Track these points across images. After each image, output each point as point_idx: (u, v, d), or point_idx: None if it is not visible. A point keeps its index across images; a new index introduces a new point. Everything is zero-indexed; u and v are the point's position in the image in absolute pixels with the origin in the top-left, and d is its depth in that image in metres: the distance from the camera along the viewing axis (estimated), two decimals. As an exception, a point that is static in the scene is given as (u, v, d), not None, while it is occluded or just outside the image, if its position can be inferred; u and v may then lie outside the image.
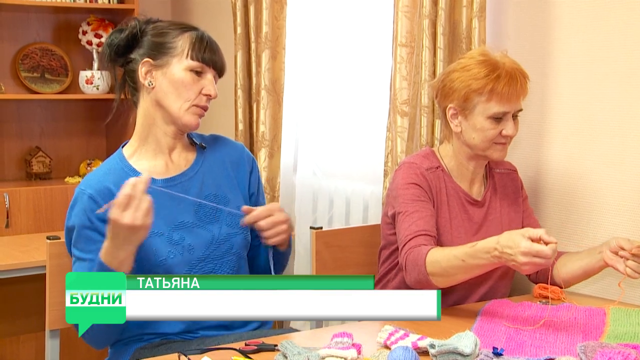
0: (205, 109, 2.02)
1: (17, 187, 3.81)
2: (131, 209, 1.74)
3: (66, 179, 4.10)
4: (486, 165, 2.34)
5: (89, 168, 4.13)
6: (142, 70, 2.00)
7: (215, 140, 2.17)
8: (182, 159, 2.07)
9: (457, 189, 2.25)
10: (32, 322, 3.22)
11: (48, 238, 2.18)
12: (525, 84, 2.18)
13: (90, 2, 4.02)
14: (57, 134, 4.26)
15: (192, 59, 1.98)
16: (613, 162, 2.41)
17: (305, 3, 3.57)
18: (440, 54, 2.68)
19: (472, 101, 2.16)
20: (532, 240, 1.83)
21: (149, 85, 2.00)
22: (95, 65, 4.11)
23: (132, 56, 2.02)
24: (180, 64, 1.98)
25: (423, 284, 2.02)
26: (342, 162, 3.46)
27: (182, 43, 1.99)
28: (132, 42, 2.02)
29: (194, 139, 2.12)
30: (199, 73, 1.99)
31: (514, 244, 1.84)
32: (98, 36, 4.10)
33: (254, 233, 2.08)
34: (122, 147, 2.08)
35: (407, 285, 2.12)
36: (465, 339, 1.58)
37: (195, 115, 2.00)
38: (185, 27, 2.03)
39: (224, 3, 3.83)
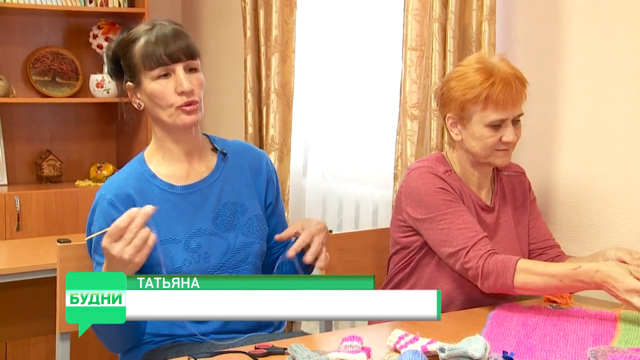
0: (190, 104, 1.94)
1: (27, 190, 3.83)
2: (122, 241, 1.69)
3: (77, 182, 4.12)
4: (494, 169, 2.33)
5: (99, 171, 4.14)
6: (130, 94, 2.01)
7: (238, 146, 2.14)
8: (203, 165, 2.05)
9: (470, 194, 2.24)
10: (43, 325, 3.22)
11: (59, 241, 2.18)
12: (521, 88, 2.16)
13: (101, 5, 4.04)
14: (67, 137, 4.27)
15: (150, 68, 1.93)
16: (624, 166, 2.40)
17: (314, 6, 3.57)
18: (450, 58, 2.68)
19: (469, 110, 2.15)
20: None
21: (139, 107, 2.00)
22: (106, 69, 4.11)
23: (124, 79, 2.03)
24: (146, 78, 1.95)
25: (500, 290, 2.05)
26: (351, 165, 3.46)
27: (138, 56, 1.95)
28: (115, 64, 2.03)
29: (215, 144, 2.10)
30: (166, 75, 1.94)
31: (620, 278, 1.87)
32: (109, 40, 4.12)
33: (272, 243, 2.10)
34: (144, 151, 2.07)
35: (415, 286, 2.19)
36: (475, 343, 1.57)
37: (184, 115, 1.94)
38: (136, 36, 1.97)
39: (234, 6, 3.84)
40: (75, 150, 4.30)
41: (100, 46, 4.13)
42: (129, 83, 2.00)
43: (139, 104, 2.00)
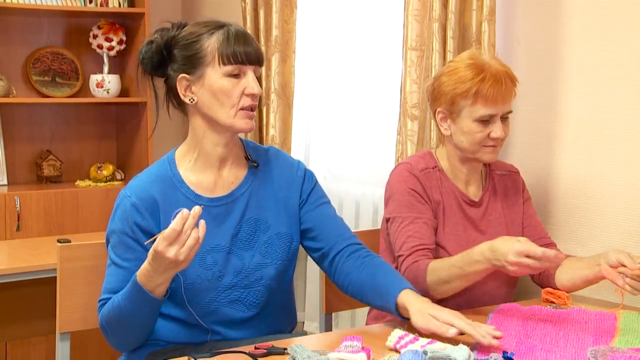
0: (252, 108, 1.92)
1: (27, 190, 3.83)
2: (178, 244, 1.68)
3: (77, 182, 4.12)
4: (487, 167, 2.35)
5: (99, 171, 4.14)
6: (180, 87, 1.92)
7: (271, 155, 2.07)
8: (232, 176, 1.99)
9: (453, 189, 2.26)
10: (43, 325, 3.22)
11: (59, 241, 2.18)
12: (511, 86, 2.18)
13: (101, 5, 4.04)
14: (67, 137, 4.28)
15: (225, 63, 1.88)
16: (624, 166, 2.40)
17: (315, 6, 3.57)
18: (450, 58, 2.68)
19: (459, 105, 2.17)
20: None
21: (191, 101, 1.92)
22: (106, 69, 4.12)
23: (168, 72, 1.95)
24: (215, 72, 1.89)
25: (426, 296, 2.03)
26: (352, 165, 3.46)
27: (211, 49, 1.89)
28: (163, 56, 1.94)
29: (249, 153, 2.03)
30: (236, 75, 1.90)
31: (508, 245, 1.88)
32: (109, 40, 4.12)
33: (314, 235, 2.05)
34: (175, 149, 2.02)
35: None
36: (459, 351, 1.57)
37: (245, 119, 1.90)
38: (211, 28, 1.92)
39: (234, 6, 3.85)
40: (75, 150, 4.30)
41: (100, 46, 4.13)
42: (183, 75, 1.91)
43: (191, 98, 1.91)
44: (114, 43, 4.13)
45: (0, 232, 3.67)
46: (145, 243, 1.79)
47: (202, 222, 1.70)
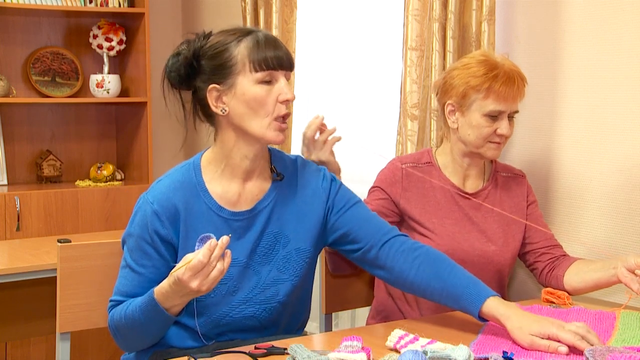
0: (286, 117, 1.87)
1: (28, 190, 3.83)
2: (202, 275, 1.65)
3: (77, 182, 4.12)
4: (492, 167, 2.36)
5: (99, 171, 4.14)
6: (211, 98, 1.86)
7: (298, 167, 2.02)
8: (256, 188, 1.94)
9: (445, 182, 2.30)
10: (43, 325, 3.22)
11: (59, 241, 2.18)
12: (522, 86, 2.21)
13: (101, 5, 4.04)
14: (67, 137, 4.28)
15: (257, 70, 1.83)
16: (624, 166, 2.40)
17: (315, 6, 3.57)
18: (450, 58, 2.68)
19: (470, 98, 2.20)
20: None
21: (223, 112, 1.86)
22: (106, 68, 4.12)
23: (197, 84, 1.89)
24: (247, 80, 1.83)
25: None
26: (352, 165, 3.46)
27: (241, 57, 1.83)
28: (191, 67, 1.88)
29: (275, 164, 1.98)
30: (269, 82, 1.84)
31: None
32: (109, 40, 4.12)
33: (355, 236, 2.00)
34: (202, 154, 1.96)
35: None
36: (459, 351, 1.57)
37: (277, 131, 1.85)
38: (239, 35, 1.86)
39: (234, 6, 3.85)
40: (75, 150, 4.30)
41: (100, 46, 4.13)
42: (214, 85, 1.85)
43: (222, 109, 1.85)
44: (114, 43, 4.13)
45: (0, 232, 3.68)
46: (172, 272, 1.72)
47: (228, 253, 1.68)
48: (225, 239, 1.66)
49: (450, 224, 2.26)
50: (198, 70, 1.88)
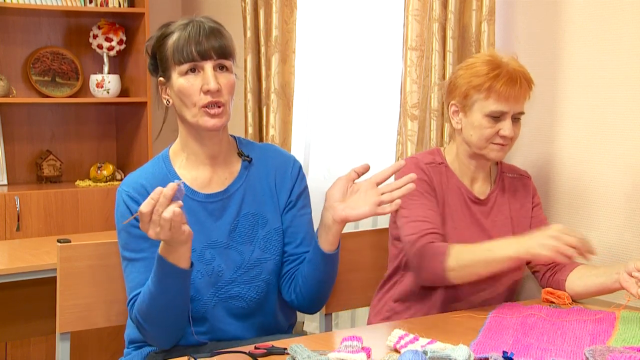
0: (214, 104, 1.88)
1: (27, 190, 3.83)
2: (153, 225, 1.68)
3: (77, 182, 4.12)
4: (498, 168, 2.34)
5: (99, 171, 4.14)
6: (160, 90, 1.97)
7: (265, 151, 2.08)
8: (227, 172, 2.00)
9: (459, 185, 2.27)
10: (43, 325, 3.23)
11: (58, 241, 2.18)
12: (526, 87, 2.19)
13: (101, 5, 4.04)
14: (67, 137, 4.28)
15: (179, 62, 1.88)
16: (624, 166, 2.40)
17: (315, 6, 3.57)
18: (449, 58, 2.68)
19: (471, 98, 2.19)
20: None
21: (167, 103, 1.96)
22: (106, 68, 4.12)
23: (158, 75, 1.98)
24: (175, 73, 1.90)
25: (437, 279, 2.06)
26: (352, 165, 3.44)
27: (170, 51, 1.90)
28: (154, 61, 1.97)
29: (242, 149, 2.04)
30: (194, 71, 1.88)
31: (544, 232, 1.96)
32: (109, 40, 4.12)
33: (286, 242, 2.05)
34: (169, 147, 2.03)
35: (416, 283, 2.19)
36: (459, 351, 1.57)
37: (207, 117, 1.88)
38: (171, 30, 1.93)
39: (234, 7, 3.84)
40: (75, 150, 4.30)
41: (100, 46, 4.13)
42: (160, 78, 1.95)
43: (167, 100, 1.95)
44: (114, 43, 4.13)
45: (0, 232, 3.67)
46: (123, 223, 1.83)
47: (177, 210, 1.68)
48: (170, 185, 1.68)
49: (463, 228, 2.24)
50: (157, 64, 1.96)
